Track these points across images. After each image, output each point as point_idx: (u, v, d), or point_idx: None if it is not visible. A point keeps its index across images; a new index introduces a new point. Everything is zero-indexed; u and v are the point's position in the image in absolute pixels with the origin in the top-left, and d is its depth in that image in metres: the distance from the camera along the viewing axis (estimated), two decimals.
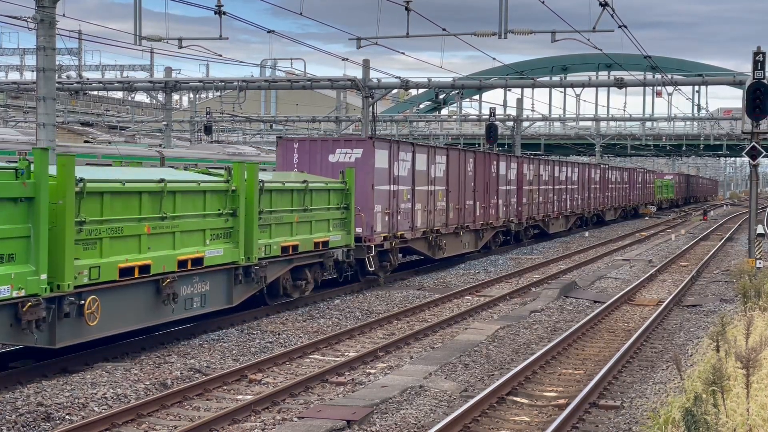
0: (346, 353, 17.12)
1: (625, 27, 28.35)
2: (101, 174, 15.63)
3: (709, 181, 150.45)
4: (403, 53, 38.29)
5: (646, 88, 67.67)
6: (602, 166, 58.23)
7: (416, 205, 27.94)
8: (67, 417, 12.24)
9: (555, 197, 45.53)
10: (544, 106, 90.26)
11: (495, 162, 36.12)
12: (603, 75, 79.13)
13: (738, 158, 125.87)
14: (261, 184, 19.04)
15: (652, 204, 78.88)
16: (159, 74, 64.67)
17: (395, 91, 49.13)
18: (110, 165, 30.71)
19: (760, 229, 27.31)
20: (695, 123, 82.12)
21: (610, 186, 59.77)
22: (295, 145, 25.99)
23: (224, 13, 27.39)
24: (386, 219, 25.77)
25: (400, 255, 28.35)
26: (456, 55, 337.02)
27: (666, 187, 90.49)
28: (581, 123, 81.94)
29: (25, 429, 11.69)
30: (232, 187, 18.09)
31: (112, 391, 13.42)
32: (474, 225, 33.13)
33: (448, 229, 30.58)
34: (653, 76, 55.41)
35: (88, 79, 50.70)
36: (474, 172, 33.23)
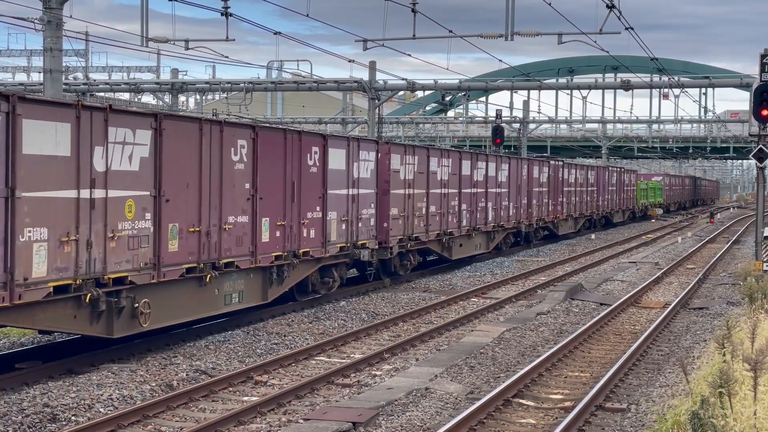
0: (352, 355, 17.11)
1: (632, 29, 28.31)
2: None
3: (709, 183, 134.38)
4: (409, 55, 38.26)
5: (653, 90, 67.54)
6: (551, 162, 44.79)
7: (27, 233, 13.21)
8: (73, 418, 12.26)
9: (465, 206, 31.30)
10: (551, 108, 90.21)
11: (318, 148, 21.39)
12: (609, 77, 78.98)
13: (745, 161, 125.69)
14: None
15: (630, 210, 65.54)
16: (165, 76, 64.77)
17: (401, 92, 49.13)
18: None
19: (766, 232, 27.21)
20: (702, 125, 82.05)
21: (566, 189, 45.87)
22: None
23: (231, 15, 27.40)
24: None
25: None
26: (463, 57, 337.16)
27: (653, 191, 75.95)
28: (588, 125, 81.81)
29: (31, 430, 11.71)
30: None
31: (117, 392, 13.43)
32: (256, 260, 18.74)
33: (161, 273, 15.94)
34: (660, 78, 55.32)
35: (94, 80, 50.80)
36: (254, 164, 18.69)
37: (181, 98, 59.70)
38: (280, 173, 19.80)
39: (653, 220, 70.30)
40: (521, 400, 13.88)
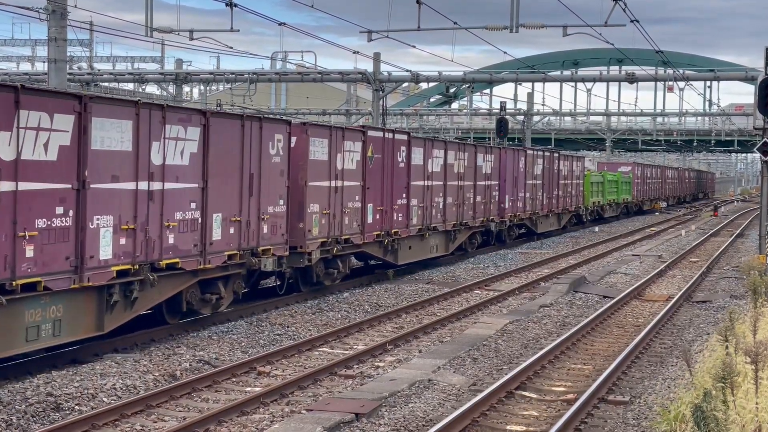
0: (355, 346, 17.13)
1: (637, 21, 28.31)
2: None
3: (701, 175, 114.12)
4: (414, 47, 38.25)
5: (658, 83, 67.30)
6: (372, 135, 24.23)
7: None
8: (76, 407, 12.29)
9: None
10: (555, 100, 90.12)
11: None
12: (614, 70, 78.86)
13: (749, 154, 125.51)
14: None
15: (575, 210, 47.52)
16: (170, 66, 64.77)
17: (406, 84, 49.10)
18: None
19: None
20: (706, 118, 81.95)
21: (419, 184, 26.85)
22: None
23: (235, 5, 27.36)
24: None
25: None
26: (468, 49, 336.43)
27: (613, 185, 57.66)
28: (592, 118, 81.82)
29: (34, 419, 11.74)
30: None
31: (121, 382, 13.46)
32: None
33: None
34: (665, 71, 55.26)
35: (99, 70, 50.81)
36: None
37: (185, 89, 59.68)
38: None
39: (657, 213, 70.18)
40: (524, 393, 13.89)
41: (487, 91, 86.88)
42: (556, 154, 43.99)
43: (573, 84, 76.91)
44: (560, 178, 43.87)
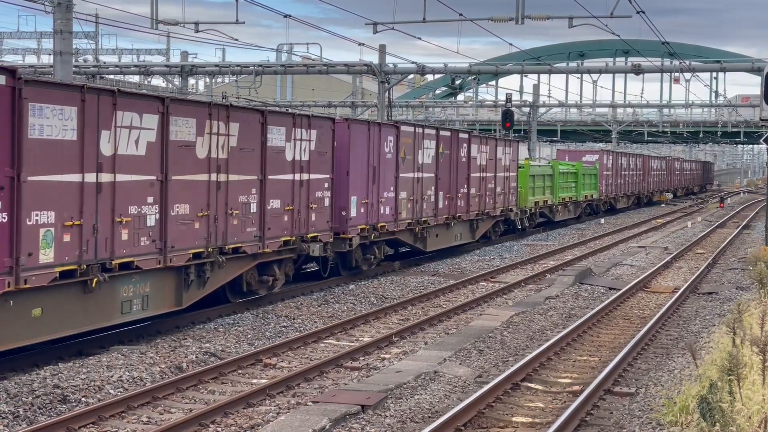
0: (361, 338, 17.15)
1: (643, 12, 28.23)
2: None
3: (694, 165, 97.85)
4: (419, 38, 38.20)
5: (664, 74, 67.01)
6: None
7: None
8: (83, 399, 12.32)
9: None
10: (561, 92, 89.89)
11: None
12: (620, 61, 78.74)
13: (756, 145, 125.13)
14: None
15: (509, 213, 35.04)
16: (175, 58, 64.77)
17: (411, 76, 49.00)
18: None
19: None
20: (713, 110, 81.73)
21: (73, 179, 13.38)
22: None
23: None
24: None
25: None
26: (476, 41, 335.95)
27: (570, 177, 46.07)
28: (598, 109, 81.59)
29: (41, 411, 11.77)
30: None
31: (127, 374, 13.49)
32: None
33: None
34: (671, 63, 55.13)
35: (104, 62, 50.83)
36: None
37: (191, 81, 59.73)
38: None
39: (662, 205, 70.04)
40: (530, 384, 13.90)
41: (493, 82, 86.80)
42: (464, 135, 30.50)
43: (579, 75, 76.71)
44: (473, 169, 30.71)
